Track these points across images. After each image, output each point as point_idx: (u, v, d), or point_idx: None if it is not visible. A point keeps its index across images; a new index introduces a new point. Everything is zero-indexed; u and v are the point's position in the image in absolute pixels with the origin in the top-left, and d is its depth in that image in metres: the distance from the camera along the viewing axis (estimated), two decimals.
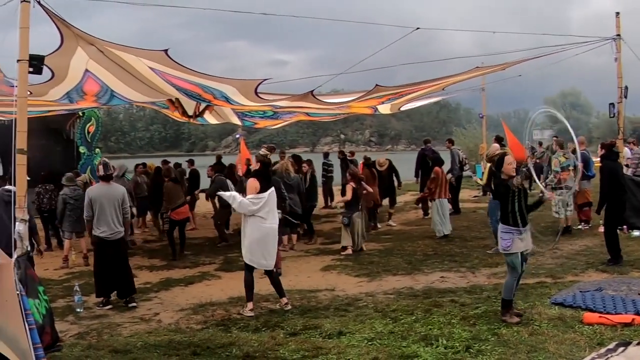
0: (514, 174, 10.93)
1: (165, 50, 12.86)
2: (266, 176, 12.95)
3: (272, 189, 12.76)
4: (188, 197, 23.40)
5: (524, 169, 11.11)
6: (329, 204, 30.62)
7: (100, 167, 14.01)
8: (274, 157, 19.98)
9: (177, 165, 27.14)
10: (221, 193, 13.89)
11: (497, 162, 11.06)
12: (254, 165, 13.54)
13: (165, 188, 20.04)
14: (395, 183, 25.25)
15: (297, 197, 19.84)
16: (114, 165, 20.16)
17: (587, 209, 20.64)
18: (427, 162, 24.84)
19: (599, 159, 16.88)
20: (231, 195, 12.97)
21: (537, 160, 28.33)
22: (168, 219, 20.15)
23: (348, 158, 28.97)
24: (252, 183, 12.72)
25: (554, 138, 27.73)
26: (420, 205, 22.08)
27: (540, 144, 32.62)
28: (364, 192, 19.62)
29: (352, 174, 19.84)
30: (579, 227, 20.55)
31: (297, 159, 24.24)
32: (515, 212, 10.80)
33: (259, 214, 12.39)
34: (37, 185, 20.67)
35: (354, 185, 19.14)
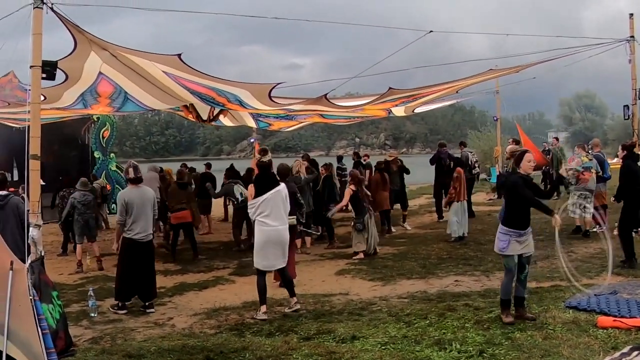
0: (531, 172, 11.04)
1: (179, 55, 12.88)
2: (263, 180, 12.98)
3: (275, 189, 12.78)
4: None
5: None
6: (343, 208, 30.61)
7: (131, 169, 14.07)
8: (291, 161, 20.09)
9: (192, 169, 27.32)
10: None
11: (517, 157, 11.11)
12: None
13: (169, 190, 20.27)
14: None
15: (307, 198, 19.90)
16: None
17: (602, 212, 20.57)
18: (441, 165, 24.87)
19: (617, 159, 16.81)
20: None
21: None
22: (168, 221, 20.42)
23: (362, 161, 28.92)
24: (249, 190, 13.13)
25: (554, 138, 27.70)
26: (449, 208, 22.04)
27: (557, 138, 32.57)
28: (367, 194, 19.55)
29: (352, 176, 19.89)
30: (594, 229, 20.49)
31: (311, 163, 24.27)
32: (519, 214, 10.84)
33: (259, 218, 12.57)
34: (63, 189, 20.80)
35: (353, 189, 19.14)
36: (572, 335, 9.90)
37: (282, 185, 13.01)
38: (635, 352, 8.70)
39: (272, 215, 12.60)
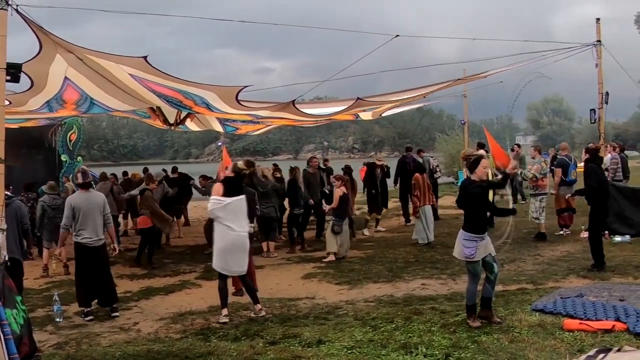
0: (485, 179, 11.00)
1: (145, 57, 12.78)
2: (234, 185, 12.91)
3: (240, 197, 12.78)
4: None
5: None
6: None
7: (79, 174, 14.02)
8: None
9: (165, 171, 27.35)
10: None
11: (472, 163, 11.03)
12: (228, 173, 13.47)
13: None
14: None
15: (274, 202, 20.18)
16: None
17: (566, 215, 20.69)
18: (406, 170, 24.90)
19: (582, 163, 16.90)
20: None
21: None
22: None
23: (322, 166, 28.87)
24: (217, 187, 12.88)
25: (515, 145, 27.96)
26: (418, 215, 22.10)
27: (518, 144, 32.70)
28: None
29: (340, 178, 19.85)
30: (561, 232, 20.62)
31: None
32: (481, 219, 10.84)
33: (223, 222, 12.45)
34: (21, 194, 20.54)
35: (344, 191, 19.16)
36: (538, 338, 9.90)
37: (243, 196, 13.02)
38: (602, 355, 8.70)
39: (237, 221, 12.59)
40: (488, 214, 11.30)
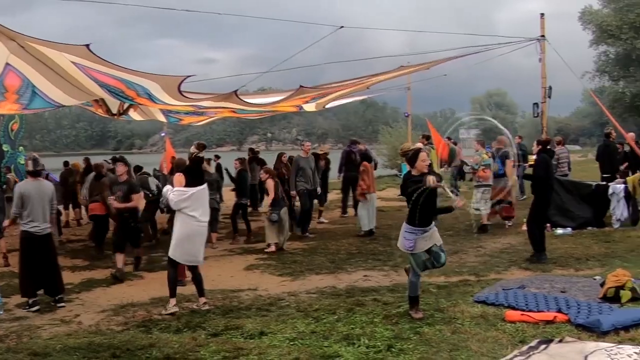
0: (426, 172, 10.92)
1: (87, 45, 12.64)
2: (195, 173, 12.79)
3: (204, 186, 12.67)
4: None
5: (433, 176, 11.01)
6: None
7: (30, 162, 13.80)
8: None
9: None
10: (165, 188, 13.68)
11: (411, 157, 10.98)
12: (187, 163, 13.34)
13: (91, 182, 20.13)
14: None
15: (217, 194, 19.97)
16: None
17: (508, 206, 20.90)
18: (352, 160, 24.86)
19: (534, 156, 17.04)
20: (167, 189, 12.89)
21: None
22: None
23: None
24: (178, 177, 12.67)
25: (446, 138, 28.13)
26: (366, 197, 22.08)
27: (449, 137, 32.90)
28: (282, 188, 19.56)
29: (268, 171, 19.78)
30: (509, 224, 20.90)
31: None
32: (423, 212, 10.80)
33: (186, 211, 12.32)
34: None
35: (275, 180, 19.11)
36: (480, 329, 9.95)
37: (205, 186, 12.90)
38: (543, 346, 8.78)
39: (200, 211, 12.51)
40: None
